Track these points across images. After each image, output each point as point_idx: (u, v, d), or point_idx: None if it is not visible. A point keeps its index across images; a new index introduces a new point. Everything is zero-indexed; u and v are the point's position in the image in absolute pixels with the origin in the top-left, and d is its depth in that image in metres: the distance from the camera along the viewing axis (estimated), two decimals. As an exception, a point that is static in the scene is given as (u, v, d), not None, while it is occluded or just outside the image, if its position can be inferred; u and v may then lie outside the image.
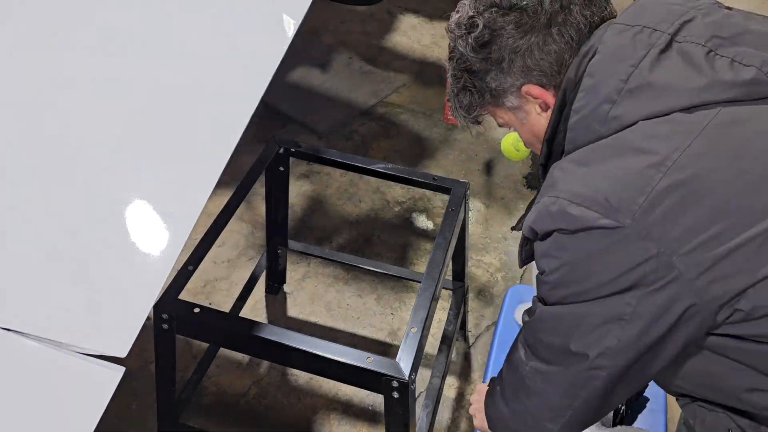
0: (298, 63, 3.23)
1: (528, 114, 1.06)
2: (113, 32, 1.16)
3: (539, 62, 0.98)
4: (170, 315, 1.39)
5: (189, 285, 1.46)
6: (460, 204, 1.67)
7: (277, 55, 1.20)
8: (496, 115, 1.13)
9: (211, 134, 1.08)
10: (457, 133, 2.97)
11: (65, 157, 0.98)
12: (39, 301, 0.85)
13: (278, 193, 1.93)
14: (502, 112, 1.10)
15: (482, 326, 2.23)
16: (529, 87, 1.01)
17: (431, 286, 1.45)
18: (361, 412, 1.98)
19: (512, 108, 1.07)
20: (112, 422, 1.87)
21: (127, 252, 0.92)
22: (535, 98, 1.02)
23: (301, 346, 1.31)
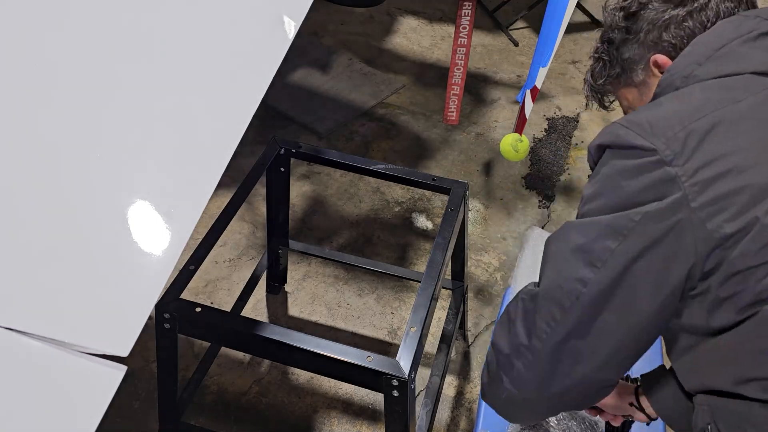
0: (298, 64, 3.24)
1: (650, 89, 1.12)
2: (113, 33, 1.16)
3: (672, 36, 1.06)
4: (172, 314, 1.39)
5: (191, 285, 1.47)
6: (460, 204, 1.67)
7: (277, 57, 1.20)
8: (621, 96, 1.20)
9: (212, 135, 1.08)
10: (456, 133, 2.98)
11: (65, 157, 0.98)
12: (40, 301, 0.85)
13: (279, 194, 1.93)
14: (627, 91, 1.17)
15: (481, 325, 2.24)
16: (657, 56, 1.08)
17: (431, 285, 1.45)
18: (361, 410, 1.98)
19: (638, 83, 1.14)
20: (115, 421, 1.88)
21: (129, 252, 0.92)
22: (660, 68, 1.08)
23: (302, 345, 1.32)
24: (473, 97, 3.20)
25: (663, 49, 1.08)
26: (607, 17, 1.16)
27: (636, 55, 1.12)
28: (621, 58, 1.14)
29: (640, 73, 1.13)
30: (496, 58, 3.50)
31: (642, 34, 1.09)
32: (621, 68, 1.15)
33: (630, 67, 1.13)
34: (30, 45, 1.08)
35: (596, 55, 1.19)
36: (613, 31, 1.14)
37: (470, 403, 2.03)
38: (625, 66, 1.14)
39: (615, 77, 1.17)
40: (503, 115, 3.10)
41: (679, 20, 1.06)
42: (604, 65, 1.17)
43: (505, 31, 3.66)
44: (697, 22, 1.06)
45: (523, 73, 3.37)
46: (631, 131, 0.96)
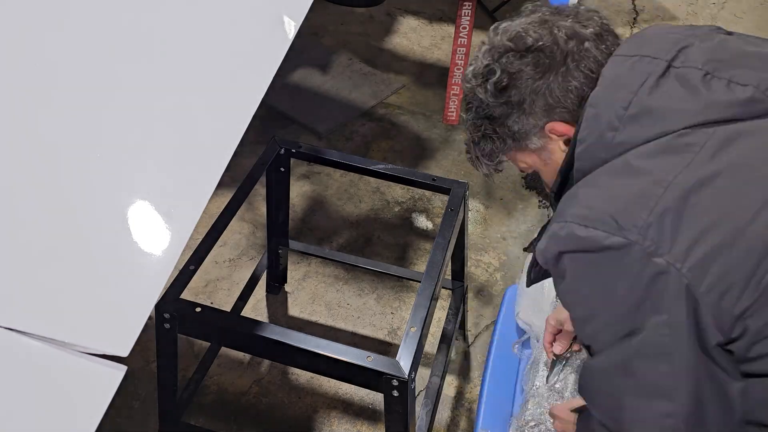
0: (298, 64, 3.24)
1: (552, 153, 1.06)
2: (113, 33, 1.16)
3: (561, 99, 0.99)
4: (172, 314, 1.39)
5: (191, 285, 1.47)
6: (460, 204, 1.67)
7: (277, 57, 1.20)
8: (517, 161, 1.13)
9: (212, 135, 1.08)
10: (456, 133, 2.98)
11: (65, 157, 0.98)
12: (41, 301, 0.85)
13: (279, 194, 1.93)
14: (524, 156, 1.10)
15: (481, 325, 2.24)
16: (553, 124, 1.02)
17: (431, 285, 1.45)
18: (361, 410, 1.98)
19: (536, 149, 1.07)
20: (114, 421, 1.88)
21: (129, 252, 0.92)
22: (560, 135, 1.03)
23: (302, 345, 1.32)
24: (473, 97, 3.20)
25: (557, 115, 1.01)
26: (475, 93, 1.05)
27: (527, 126, 1.03)
28: (510, 131, 1.05)
29: (536, 141, 1.05)
30: (496, 58, 3.49)
31: (526, 105, 1.01)
32: (512, 139, 1.07)
33: (523, 137, 1.05)
34: (30, 45, 1.08)
35: (479, 133, 1.09)
36: (490, 107, 1.04)
37: (470, 403, 2.03)
38: (516, 137, 1.06)
39: (508, 149, 1.09)
40: (503, 115, 3.10)
41: (560, 82, 0.98)
42: (494, 141, 1.08)
43: (505, 31, 3.66)
44: (581, 78, 0.98)
45: (523, 73, 3.37)
46: (594, 230, 0.88)
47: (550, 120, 1.01)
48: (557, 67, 0.98)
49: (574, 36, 0.99)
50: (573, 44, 0.99)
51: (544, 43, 0.98)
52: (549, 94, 0.99)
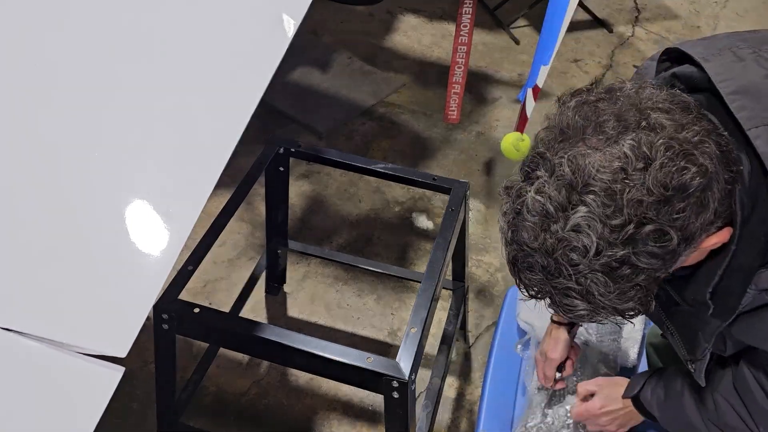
0: (298, 63, 3.23)
1: (687, 260, 0.91)
2: (113, 33, 1.16)
3: (720, 213, 0.85)
4: (170, 315, 1.39)
5: (189, 285, 1.46)
6: (460, 204, 1.67)
7: (276, 55, 1.20)
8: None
9: (210, 134, 1.08)
10: (457, 133, 2.97)
11: (65, 157, 0.98)
12: (39, 301, 0.84)
13: (278, 193, 1.93)
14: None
15: (482, 326, 2.23)
16: (710, 239, 0.87)
17: (431, 286, 1.45)
18: (361, 412, 1.98)
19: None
20: (112, 422, 1.87)
21: (127, 252, 0.92)
22: (716, 244, 0.89)
23: (301, 347, 1.31)
24: (474, 96, 3.20)
25: (709, 230, 0.85)
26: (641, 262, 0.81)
27: (682, 256, 0.85)
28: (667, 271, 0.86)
29: (684, 257, 0.87)
30: (497, 56, 3.49)
31: (691, 244, 0.84)
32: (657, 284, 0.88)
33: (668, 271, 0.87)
34: (30, 45, 1.07)
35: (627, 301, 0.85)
36: (652, 270, 0.83)
37: (471, 405, 2.02)
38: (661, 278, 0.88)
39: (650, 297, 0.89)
40: (504, 114, 3.10)
41: (715, 204, 0.82)
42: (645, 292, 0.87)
43: (506, 30, 3.66)
44: (727, 188, 0.84)
45: (524, 71, 3.37)
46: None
47: (705, 236, 0.86)
48: (713, 188, 0.82)
49: (712, 149, 0.82)
50: (713, 157, 0.82)
51: (704, 177, 0.80)
52: (710, 218, 0.84)
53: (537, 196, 0.81)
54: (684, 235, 0.81)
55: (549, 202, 0.80)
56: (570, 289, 0.83)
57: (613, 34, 3.69)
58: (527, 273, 0.87)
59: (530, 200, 0.82)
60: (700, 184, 0.79)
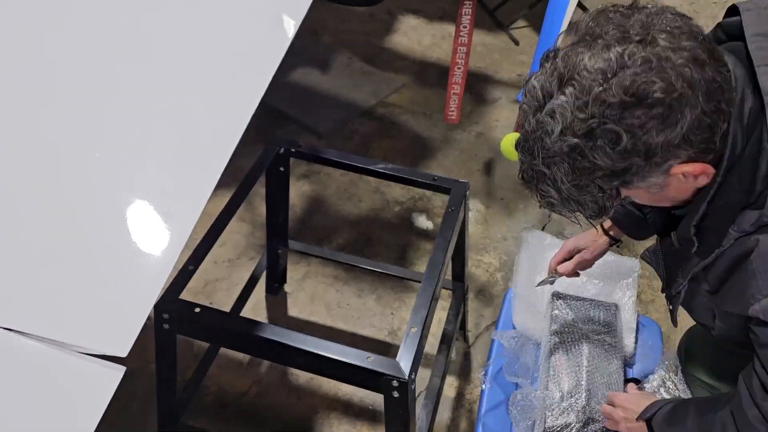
0: (298, 63, 3.24)
1: (666, 186, 0.95)
2: (113, 33, 1.16)
3: (686, 141, 0.87)
4: (171, 315, 1.39)
5: (190, 285, 1.46)
6: (460, 204, 1.67)
7: (277, 56, 1.20)
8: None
9: (211, 135, 1.08)
10: (457, 133, 2.98)
11: (65, 157, 0.98)
12: (40, 301, 0.85)
13: (278, 194, 1.93)
14: (632, 193, 0.99)
15: (482, 326, 2.24)
16: (681, 167, 0.90)
17: (431, 285, 1.45)
18: (361, 411, 1.98)
19: (647, 186, 0.95)
20: (113, 422, 1.87)
21: (128, 252, 0.92)
22: (691, 175, 0.92)
23: (302, 346, 1.32)
24: (474, 97, 3.20)
25: (681, 156, 0.89)
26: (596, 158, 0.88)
27: (647, 174, 0.91)
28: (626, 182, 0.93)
29: (654, 181, 0.93)
30: (496, 57, 3.49)
31: (652, 157, 0.88)
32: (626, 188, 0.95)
33: (639, 182, 0.93)
34: (30, 45, 1.08)
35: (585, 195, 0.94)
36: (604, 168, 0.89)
37: (470, 404, 2.02)
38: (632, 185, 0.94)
39: (616, 197, 0.97)
40: (504, 115, 3.10)
41: (687, 126, 0.85)
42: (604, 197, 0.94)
43: (505, 30, 3.66)
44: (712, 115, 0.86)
45: (523, 72, 3.37)
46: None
47: (675, 162, 0.90)
48: (682, 112, 0.85)
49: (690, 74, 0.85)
50: (688, 81, 0.85)
51: (668, 95, 0.84)
52: (674, 139, 0.87)
53: (534, 82, 0.92)
54: (643, 147, 0.86)
55: (540, 89, 0.91)
56: (543, 174, 0.94)
57: (612, 34, 3.69)
58: (520, 155, 0.99)
59: (530, 86, 0.93)
60: (662, 100, 0.83)
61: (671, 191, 0.96)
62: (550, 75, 0.90)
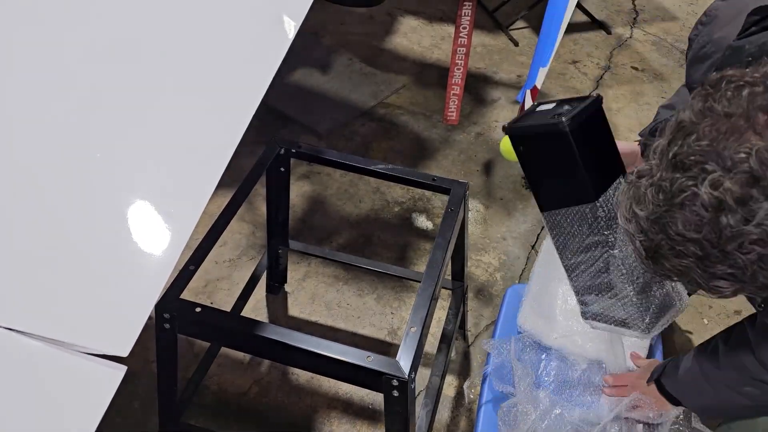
0: (298, 64, 3.24)
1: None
2: (112, 32, 1.16)
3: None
4: (172, 314, 1.39)
5: (190, 285, 1.47)
6: (460, 204, 1.67)
7: (277, 56, 1.20)
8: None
9: (212, 135, 1.08)
10: (456, 133, 2.98)
11: (66, 157, 0.98)
12: (40, 301, 0.85)
13: (279, 194, 1.93)
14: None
15: (481, 325, 2.24)
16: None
17: (431, 285, 1.45)
18: (361, 410, 1.98)
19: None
20: (114, 421, 1.88)
21: (129, 252, 0.92)
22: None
23: (302, 345, 1.32)
24: (473, 97, 3.20)
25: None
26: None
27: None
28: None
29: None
30: (496, 58, 3.50)
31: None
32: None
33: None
34: (30, 45, 1.08)
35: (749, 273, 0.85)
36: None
37: (470, 404, 2.03)
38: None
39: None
40: (503, 115, 3.10)
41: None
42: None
43: (505, 31, 3.66)
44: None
45: (523, 73, 3.37)
46: None
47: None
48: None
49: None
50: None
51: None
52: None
53: (713, 191, 0.80)
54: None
55: (728, 195, 0.79)
56: (727, 273, 0.85)
57: (611, 35, 3.69)
58: (674, 260, 0.88)
59: (704, 195, 0.81)
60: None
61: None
62: (733, 178, 0.80)
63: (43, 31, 1.11)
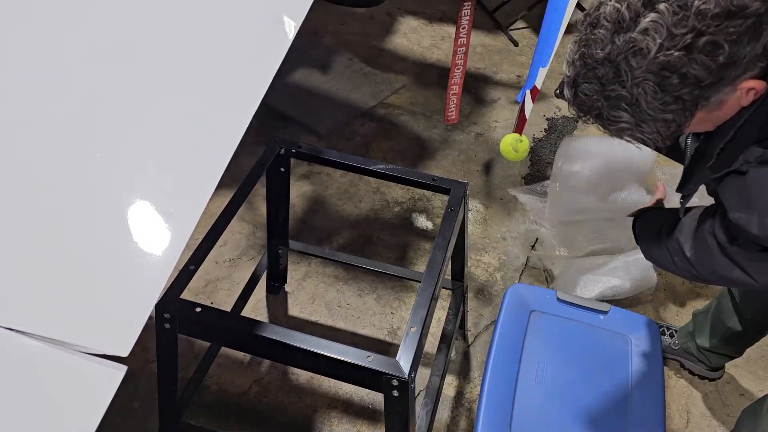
0: (298, 64, 3.24)
1: (723, 104, 1.01)
2: (112, 32, 1.16)
3: (759, 58, 0.94)
4: (172, 314, 1.39)
5: (191, 285, 1.47)
6: (460, 204, 1.67)
7: (277, 56, 1.20)
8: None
9: (212, 135, 1.08)
10: (456, 133, 2.98)
11: (66, 157, 0.98)
12: (40, 301, 0.85)
13: (279, 194, 1.94)
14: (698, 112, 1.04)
15: (481, 325, 2.24)
16: (749, 82, 0.97)
17: (431, 285, 1.45)
18: (361, 410, 1.98)
19: (710, 106, 1.01)
20: (115, 421, 1.88)
21: (129, 252, 0.92)
22: (751, 92, 0.99)
23: (302, 345, 1.32)
24: (473, 97, 3.21)
25: (753, 72, 0.96)
26: (692, 70, 0.93)
27: (724, 89, 0.97)
28: (706, 98, 0.98)
29: (719, 98, 0.99)
30: (496, 58, 3.50)
31: (734, 71, 0.94)
32: (702, 106, 1.00)
33: (712, 100, 0.99)
34: (30, 44, 1.08)
35: (667, 113, 0.98)
36: (699, 79, 0.94)
37: (470, 403, 2.03)
38: (707, 103, 0.99)
39: (691, 117, 1.01)
40: (503, 116, 3.10)
41: (763, 42, 0.92)
42: (684, 115, 0.99)
43: (504, 32, 3.66)
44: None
45: (523, 73, 3.37)
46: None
47: (747, 76, 0.97)
48: (763, 27, 0.92)
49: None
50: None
51: (762, 4, 0.91)
52: (758, 50, 0.93)
53: (616, 3, 0.93)
54: (736, 56, 0.91)
55: (626, 9, 0.92)
56: (621, 97, 0.96)
57: (612, 34, 3.69)
58: (584, 86, 1.00)
59: (609, 8, 0.94)
60: (758, 9, 0.89)
61: (724, 110, 1.02)
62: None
63: (43, 31, 1.11)
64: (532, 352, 1.69)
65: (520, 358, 1.67)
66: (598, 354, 1.70)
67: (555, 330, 1.75)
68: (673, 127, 1.01)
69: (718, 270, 1.21)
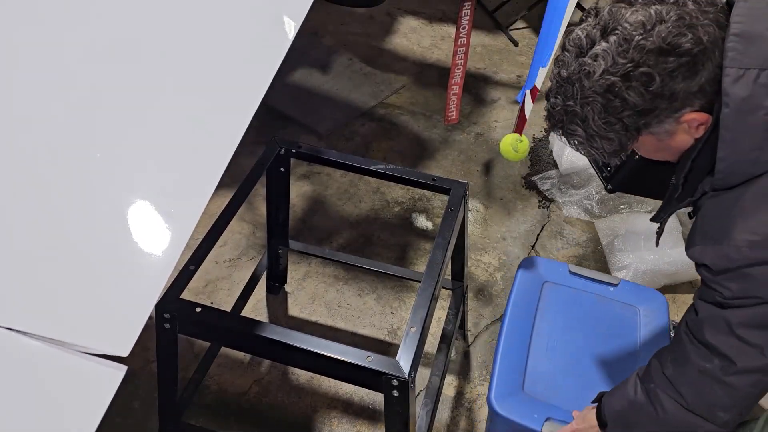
0: (298, 64, 3.24)
1: (673, 134, 1.08)
2: (112, 33, 1.16)
3: (700, 91, 1.02)
4: (172, 314, 1.39)
5: (191, 285, 1.47)
6: (460, 204, 1.67)
7: (277, 57, 1.20)
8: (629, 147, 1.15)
9: (212, 135, 1.08)
10: (456, 134, 2.98)
11: (66, 157, 0.98)
12: (41, 301, 0.85)
13: (279, 194, 1.94)
14: (644, 140, 1.12)
15: (481, 325, 2.24)
16: (691, 115, 1.04)
17: (431, 285, 1.45)
18: (361, 410, 1.98)
19: (658, 134, 1.09)
20: (115, 421, 1.88)
21: (129, 252, 0.92)
22: (694, 124, 1.05)
23: (302, 345, 1.32)
24: (473, 98, 3.21)
25: (693, 105, 1.03)
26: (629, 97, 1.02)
27: (665, 118, 1.05)
28: (646, 124, 1.06)
29: (666, 128, 1.07)
30: (496, 58, 3.50)
31: (675, 102, 1.02)
32: (643, 131, 1.08)
33: (655, 127, 1.07)
34: (30, 44, 1.08)
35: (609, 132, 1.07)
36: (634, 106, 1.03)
37: (470, 403, 2.03)
38: (649, 129, 1.07)
39: (633, 141, 1.10)
40: (503, 116, 3.11)
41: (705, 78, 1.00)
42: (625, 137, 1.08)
43: (505, 32, 3.66)
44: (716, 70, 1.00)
45: (523, 73, 3.37)
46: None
47: (687, 110, 1.04)
48: (704, 64, 1.00)
49: (714, 32, 1.01)
50: (712, 39, 1.00)
51: (696, 46, 0.99)
52: (693, 87, 1.01)
53: (579, 32, 1.06)
54: (668, 90, 1.00)
55: (585, 37, 1.05)
56: (575, 113, 1.07)
57: (612, 34, 3.69)
58: (552, 100, 1.11)
59: (574, 34, 1.07)
60: (691, 50, 0.99)
61: (677, 140, 1.09)
62: (593, 27, 1.05)
63: (43, 31, 1.11)
64: (545, 320, 1.73)
65: (533, 325, 1.71)
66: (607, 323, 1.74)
67: (567, 300, 1.78)
68: (615, 146, 1.10)
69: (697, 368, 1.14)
